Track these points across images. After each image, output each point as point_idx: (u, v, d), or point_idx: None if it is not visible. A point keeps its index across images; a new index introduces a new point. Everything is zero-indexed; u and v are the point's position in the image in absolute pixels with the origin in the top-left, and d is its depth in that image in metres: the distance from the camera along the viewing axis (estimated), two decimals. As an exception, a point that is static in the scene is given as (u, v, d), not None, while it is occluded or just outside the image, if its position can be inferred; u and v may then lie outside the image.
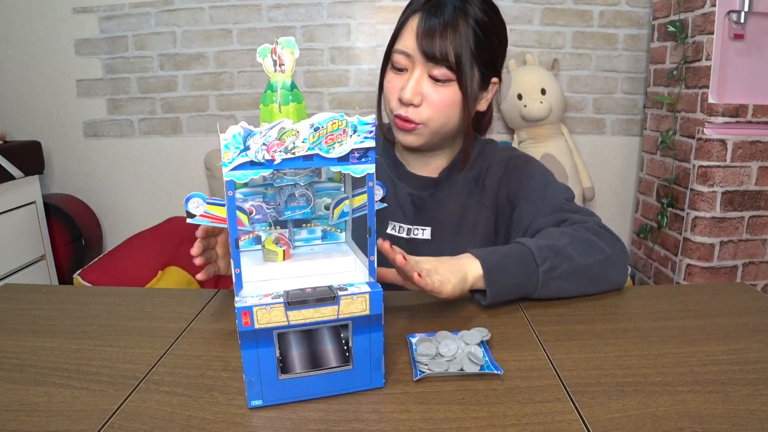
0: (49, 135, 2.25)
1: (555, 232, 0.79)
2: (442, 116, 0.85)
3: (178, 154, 2.28)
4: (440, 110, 0.84)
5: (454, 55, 0.80)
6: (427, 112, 0.84)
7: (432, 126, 0.85)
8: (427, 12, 0.82)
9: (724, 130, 1.75)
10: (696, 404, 0.51)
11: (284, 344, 0.51)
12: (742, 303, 0.76)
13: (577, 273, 0.75)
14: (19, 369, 0.58)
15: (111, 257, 1.89)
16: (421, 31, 0.81)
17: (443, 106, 0.84)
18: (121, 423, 0.49)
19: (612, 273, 0.78)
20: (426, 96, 0.83)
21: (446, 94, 0.83)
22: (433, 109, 0.84)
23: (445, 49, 0.80)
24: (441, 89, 0.83)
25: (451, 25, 0.80)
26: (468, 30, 0.81)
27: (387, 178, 0.97)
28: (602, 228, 0.82)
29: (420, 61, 0.82)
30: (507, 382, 0.56)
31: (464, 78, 0.82)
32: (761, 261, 1.87)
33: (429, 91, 0.83)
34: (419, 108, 0.84)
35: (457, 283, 0.69)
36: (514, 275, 0.72)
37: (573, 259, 0.74)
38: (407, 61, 0.84)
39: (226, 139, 0.46)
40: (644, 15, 2.16)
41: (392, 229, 0.96)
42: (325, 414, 0.50)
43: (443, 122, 0.85)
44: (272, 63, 0.51)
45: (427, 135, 0.87)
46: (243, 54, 2.19)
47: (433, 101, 0.83)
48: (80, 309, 0.75)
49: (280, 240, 0.59)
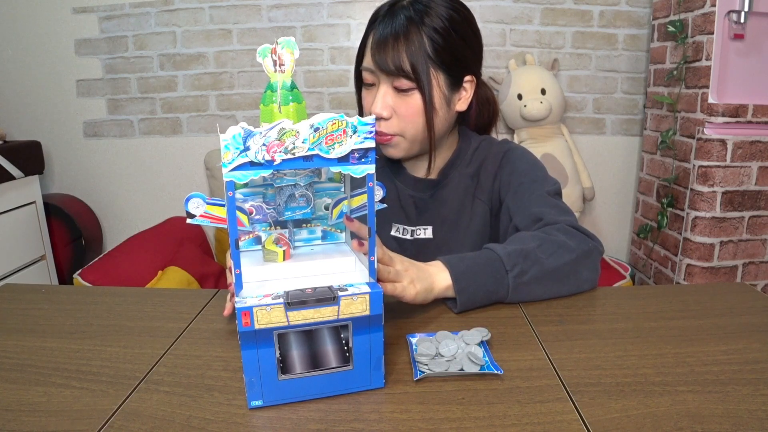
0: (49, 135, 2.25)
1: (525, 237, 0.78)
2: (413, 125, 0.86)
3: (178, 154, 2.28)
4: (409, 119, 0.85)
5: (409, 64, 0.81)
6: (398, 124, 0.86)
7: (407, 135, 0.87)
8: (381, 24, 0.83)
9: (724, 130, 1.75)
10: (696, 404, 0.51)
11: (284, 344, 0.51)
12: (742, 303, 0.76)
13: (546, 276, 0.74)
14: (19, 369, 0.58)
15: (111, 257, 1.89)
16: (374, 45, 0.83)
17: (411, 115, 0.85)
18: (121, 423, 0.49)
19: (582, 272, 0.78)
20: (394, 108, 0.85)
21: (412, 103, 0.84)
22: (402, 119, 0.85)
23: (398, 60, 0.81)
24: (407, 99, 0.84)
25: (403, 35, 0.81)
26: (421, 37, 0.81)
27: (389, 181, 0.98)
28: (573, 227, 0.81)
29: (382, 76, 0.84)
30: (507, 382, 0.56)
31: (423, 86, 0.83)
32: (761, 261, 1.86)
33: (396, 103, 0.85)
34: (390, 121, 0.85)
35: (421, 290, 0.69)
36: (483, 282, 0.72)
37: (542, 263, 0.74)
38: (373, 77, 0.86)
39: (226, 139, 0.46)
40: (644, 15, 2.16)
41: (396, 231, 0.98)
42: (325, 414, 0.50)
43: (417, 129, 0.86)
44: (272, 63, 0.51)
45: (406, 145, 0.88)
46: (243, 54, 2.19)
47: (401, 112, 0.85)
48: (80, 309, 0.75)
49: (280, 240, 0.59)
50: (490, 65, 2.16)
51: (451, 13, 0.84)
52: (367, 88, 0.88)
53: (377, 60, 0.82)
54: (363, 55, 0.87)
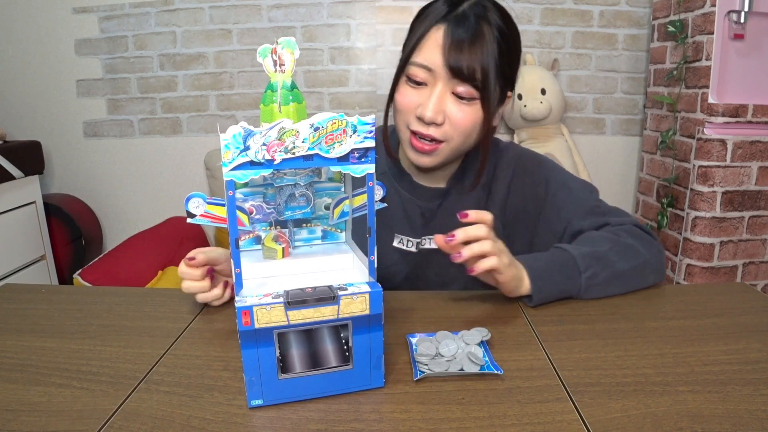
0: (49, 135, 2.25)
1: (596, 237, 0.81)
2: (463, 136, 0.80)
3: (178, 154, 2.29)
4: (463, 130, 0.79)
5: (482, 71, 0.75)
6: (449, 131, 0.79)
7: (452, 144, 0.81)
8: (453, 23, 0.76)
9: (724, 130, 1.75)
10: (696, 404, 0.51)
11: (284, 344, 0.51)
12: (742, 303, 0.76)
13: (616, 278, 0.77)
14: (19, 369, 0.58)
15: (111, 257, 1.89)
16: (448, 44, 0.75)
17: (466, 126, 0.79)
18: (121, 423, 0.49)
19: (648, 276, 0.81)
20: (449, 114, 0.78)
21: (470, 112, 0.78)
22: (455, 128, 0.79)
23: (472, 65, 0.75)
24: (465, 107, 0.78)
25: (479, 37, 0.75)
26: (493, 42, 0.76)
27: (391, 189, 0.93)
28: (639, 228, 0.84)
29: (443, 77, 0.77)
30: (507, 382, 0.56)
31: (489, 96, 0.77)
32: (761, 261, 1.86)
33: (452, 110, 0.78)
34: (441, 127, 0.79)
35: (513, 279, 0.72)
36: (558, 283, 0.75)
37: (614, 266, 0.77)
38: (428, 76, 0.78)
39: (226, 139, 0.46)
40: (644, 15, 2.16)
41: (399, 242, 0.92)
42: (325, 414, 0.50)
43: (463, 141, 0.81)
44: (272, 63, 0.51)
45: (445, 154, 0.82)
46: (243, 54, 2.19)
47: (457, 120, 0.78)
48: (80, 309, 0.75)
49: (280, 238, 0.59)
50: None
51: (507, 20, 0.80)
52: (413, 85, 0.80)
53: (450, 62, 0.75)
54: (415, 48, 0.78)
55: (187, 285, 0.71)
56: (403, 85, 0.81)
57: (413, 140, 0.81)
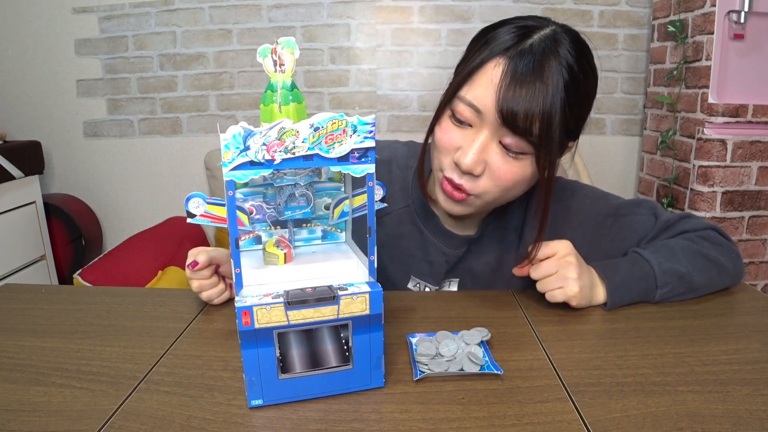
0: (49, 135, 2.25)
1: (676, 247, 0.76)
2: (501, 191, 0.69)
3: (178, 154, 2.28)
4: (503, 185, 0.68)
5: (540, 124, 0.62)
6: (486, 184, 0.68)
7: (486, 198, 0.70)
8: (516, 60, 0.63)
9: (724, 130, 1.75)
10: (696, 404, 0.51)
11: (284, 344, 0.51)
12: (742, 303, 0.76)
13: (692, 291, 0.76)
14: (19, 369, 0.58)
15: (111, 257, 1.89)
16: (505, 85, 0.62)
17: (508, 181, 0.68)
18: (121, 423, 0.49)
19: (725, 281, 0.79)
20: (490, 165, 0.67)
21: (517, 168, 0.67)
22: (494, 182, 0.68)
23: (530, 114, 0.62)
24: (512, 162, 0.67)
25: (544, 80, 0.62)
26: (560, 90, 0.62)
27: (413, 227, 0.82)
28: (719, 234, 0.81)
29: (493, 123, 0.65)
30: (507, 382, 0.55)
31: (547, 153, 0.65)
32: (761, 261, 1.86)
33: (495, 161, 0.67)
34: (478, 179, 0.68)
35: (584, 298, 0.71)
36: (633, 294, 0.74)
37: (692, 280, 0.75)
38: (474, 117, 0.66)
39: (226, 139, 0.46)
40: (644, 15, 2.16)
41: (415, 285, 0.84)
42: (325, 414, 0.50)
43: (501, 196, 0.70)
44: (272, 63, 0.51)
45: (479, 206, 0.72)
46: (243, 54, 2.19)
47: (498, 174, 0.67)
48: (80, 309, 0.75)
49: (281, 243, 0.59)
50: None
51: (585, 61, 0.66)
52: (458, 124, 0.68)
53: (503, 105, 0.62)
54: (466, 81, 0.66)
55: (198, 285, 0.72)
56: (446, 121, 0.70)
57: (445, 184, 0.71)
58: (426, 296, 0.79)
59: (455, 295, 0.79)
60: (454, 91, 0.68)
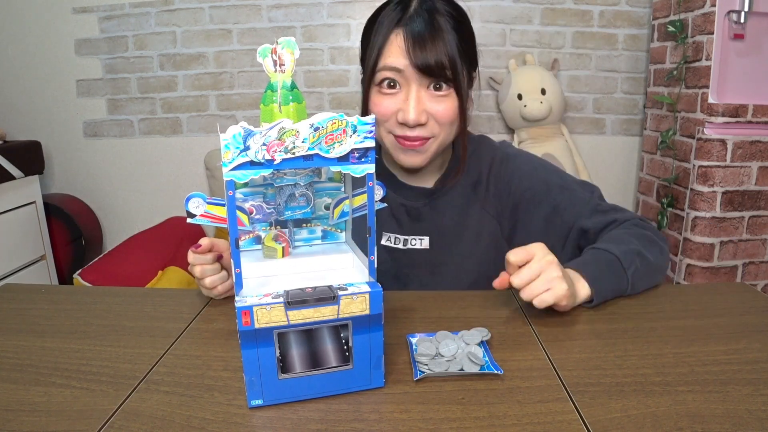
0: (49, 135, 2.25)
1: (620, 235, 0.82)
2: (448, 127, 0.82)
3: (178, 154, 2.28)
4: (447, 122, 0.81)
5: (449, 62, 0.77)
6: (435, 128, 0.81)
7: (440, 139, 0.83)
8: (410, 24, 0.78)
9: (724, 130, 1.75)
10: (696, 404, 0.51)
11: (284, 344, 0.51)
12: (742, 303, 0.76)
13: (652, 271, 0.80)
14: (19, 369, 0.58)
15: (111, 257, 1.89)
16: (411, 45, 0.77)
17: (449, 117, 0.81)
18: (121, 423, 0.49)
19: (667, 263, 0.85)
20: (430, 112, 0.80)
21: (449, 104, 0.80)
22: (440, 123, 0.81)
23: (440, 59, 0.77)
24: (443, 101, 0.80)
25: (437, 30, 0.77)
26: (450, 32, 0.78)
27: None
28: (645, 221, 0.88)
29: (414, 78, 0.78)
30: (507, 382, 0.56)
31: (461, 84, 0.79)
32: (761, 261, 1.86)
33: (432, 107, 0.80)
34: (426, 125, 0.80)
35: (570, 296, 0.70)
36: (611, 282, 0.75)
37: (647, 259, 0.78)
38: (398, 77, 0.79)
39: (226, 139, 0.46)
40: (644, 15, 2.16)
41: (387, 240, 0.93)
42: (325, 414, 0.50)
43: (449, 132, 0.83)
44: (272, 63, 0.51)
45: (434, 150, 0.83)
46: (243, 54, 2.19)
47: (439, 115, 0.80)
48: (80, 309, 0.75)
49: (279, 237, 0.59)
50: (490, 65, 2.16)
51: (455, 6, 0.82)
52: (385, 92, 0.81)
53: (417, 60, 0.76)
54: (380, 56, 0.79)
55: (201, 270, 0.73)
56: (376, 94, 0.82)
57: (401, 141, 0.82)
58: (426, 296, 0.79)
59: (455, 295, 0.79)
60: (372, 69, 0.80)
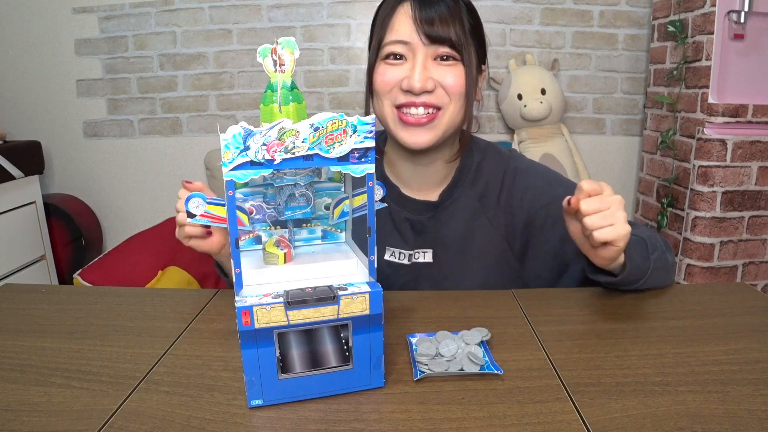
0: (49, 135, 2.25)
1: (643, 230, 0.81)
2: (457, 99, 0.79)
3: (178, 154, 2.28)
4: (456, 92, 0.79)
5: (455, 30, 0.77)
6: (443, 96, 0.79)
7: (449, 112, 0.80)
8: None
9: (724, 130, 1.75)
10: (696, 404, 0.51)
11: (284, 344, 0.51)
12: (742, 303, 0.76)
13: (666, 267, 0.79)
14: (19, 369, 0.58)
15: (111, 257, 1.89)
16: (418, 15, 0.77)
17: (458, 87, 0.79)
18: (121, 423, 0.49)
19: (673, 274, 0.83)
20: (438, 80, 0.78)
21: (457, 73, 0.79)
22: (448, 91, 0.79)
23: (446, 26, 0.77)
24: (450, 69, 0.78)
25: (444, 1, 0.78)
26: (460, 8, 0.79)
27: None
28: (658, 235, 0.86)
29: (421, 47, 0.78)
30: (507, 382, 0.56)
31: (468, 55, 0.78)
32: (761, 261, 1.86)
33: (440, 74, 0.78)
34: (433, 92, 0.78)
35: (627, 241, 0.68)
36: (638, 260, 0.73)
37: (666, 256, 0.79)
38: (405, 50, 0.79)
39: (226, 139, 0.46)
40: (644, 15, 2.16)
41: (391, 255, 0.89)
42: (325, 414, 0.50)
43: (456, 109, 0.80)
44: (272, 63, 0.51)
45: (443, 128, 0.81)
46: (243, 54, 2.19)
47: (447, 83, 0.78)
48: (80, 309, 0.75)
49: (281, 243, 0.59)
50: (490, 65, 2.15)
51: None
52: (390, 62, 0.80)
53: (425, 29, 0.76)
54: (386, 30, 0.80)
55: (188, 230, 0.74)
56: (382, 66, 0.81)
57: (404, 118, 0.80)
58: (426, 296, 0.79)
59: (455, 295, 0.79)
60: (379, 43, 0.80)
